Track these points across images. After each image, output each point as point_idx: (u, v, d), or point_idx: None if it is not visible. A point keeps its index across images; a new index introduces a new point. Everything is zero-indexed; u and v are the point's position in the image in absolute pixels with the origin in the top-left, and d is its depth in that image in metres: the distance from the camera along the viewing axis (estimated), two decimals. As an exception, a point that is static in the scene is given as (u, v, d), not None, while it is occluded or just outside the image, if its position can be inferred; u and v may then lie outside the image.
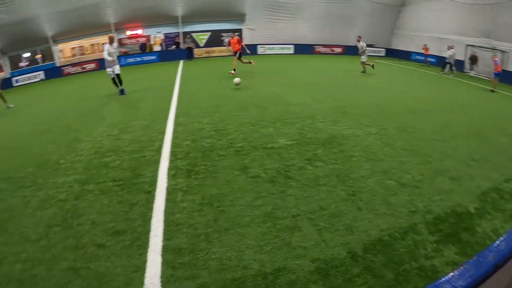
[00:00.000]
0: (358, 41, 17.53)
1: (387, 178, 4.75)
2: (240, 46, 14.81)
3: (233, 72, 14.41)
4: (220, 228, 3.65)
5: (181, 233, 3.61)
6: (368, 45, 26.65)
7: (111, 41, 11.53)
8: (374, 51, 27.22)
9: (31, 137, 8.10)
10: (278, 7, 26.58)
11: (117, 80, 11.94)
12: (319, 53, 28.16)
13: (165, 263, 3.15)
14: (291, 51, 28.07)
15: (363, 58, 17.02)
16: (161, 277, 2.98)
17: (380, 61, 19.91)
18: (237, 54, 14.75)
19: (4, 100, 12.71)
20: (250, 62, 15.13)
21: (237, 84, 11.68)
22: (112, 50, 11.45)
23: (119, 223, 3.92)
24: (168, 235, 3.60)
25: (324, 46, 28.31)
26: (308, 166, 5.16)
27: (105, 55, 11.36)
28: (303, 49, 27.84)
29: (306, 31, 27.78)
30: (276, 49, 27.68)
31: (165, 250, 3.36)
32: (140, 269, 3.11)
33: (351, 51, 26.72)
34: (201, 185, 4.67)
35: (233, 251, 3.26)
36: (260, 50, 27.19)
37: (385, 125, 7.19)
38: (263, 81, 13.62)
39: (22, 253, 3.63)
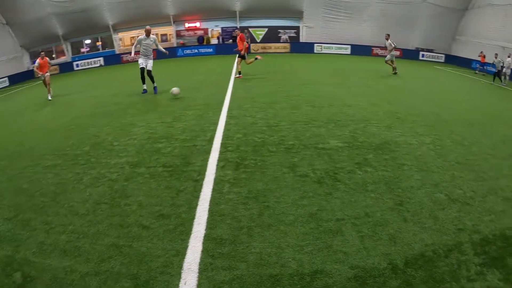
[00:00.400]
0: (387, 39, 16.81)
1: (437, 191, 4.51)
2: (243, 45, 13.94)
3: (239, 75, 13.96)
4: (263, 223, 3.68)
5: (224, 224, 3.68)
6: (428, 50, 25.50)
7: (147, 33, 11.03)
8: (432, 57, 26.00)
9: (89, 118, 8.96)
10: (337, 6, 26.32)
11: (147, 76, 11.37)
12: (377, 55, 27.47)
13: (205, 251, 3.24)
14: (348, 51, 27.74)
15: (388, 57, 16.29)
16: (200, 264, 3.07)
17: (438, 67, 19.01)
18: (242, 54, 14.01)
19: (48, 91, 13.81)
20: (256, 58, 14.39)
21: (175, 95, 10.41)
22: (147, 42, 11.03)
23: (165, 207, 4.11)
24: (211, 224, 3.70)
25: (382, 48, 27.51)
26: (357, 171, 5.04)
27: (132, 48, 11.34)
28: (360, 50, 27.42)
29: (363, 32, 27.35)
30: (333, 49, 27.44)
31: (207, 238, 3.45)
32: (180, 254, 3.23)
33: (409, 54, 25.75)
34: (248, 179, 4.74)
35: (273, 248, 3.27)
36: (316, 48, 27.04)
37: (440, 135, 6.83)
38: (319, 80, 13.58)
39: (69, 225, 3.98)
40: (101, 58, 27.17)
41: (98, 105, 10.80)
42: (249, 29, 26.87)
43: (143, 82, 11.49)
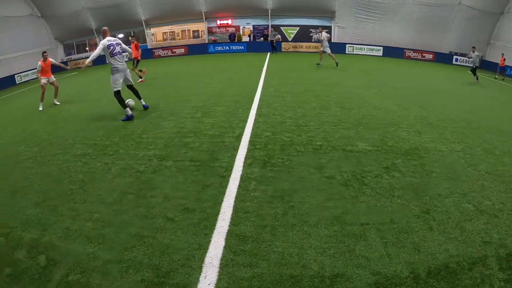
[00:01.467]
0: (473, 51, 16.52)
1: (466, 201, 4.38)
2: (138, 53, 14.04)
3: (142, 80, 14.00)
4: (287, 223, 3.71)
5: (248, 221, 3.73)
6: (461, 54, 24.78)
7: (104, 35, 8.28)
8: (466, 61, 25.14)
9: (114, 111, 9.22)
10: (369, 6, 25.91)
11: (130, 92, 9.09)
12: (409, 57, 27.03)
13: (228, 247, 3.31)
14: (380, 53, 27.28)
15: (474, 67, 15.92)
16: (221, 259, 3.14)
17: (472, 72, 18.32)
18: (134, 63, 13.93)
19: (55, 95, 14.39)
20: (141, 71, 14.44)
21: (131, 108, 8.86)
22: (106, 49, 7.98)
23: (190, 201, 4.23)
24: (235, 220, 3.76)
25: (414, 51, 26.91)
26: (384, 175, 4.97)
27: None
28: (392, 52, 26.91)
29: (396, 34, 26.80)
30: (365, 50, 27.06)
31: (230, 234, 3.52)
32: (203, 248, 3.31)
33: (443, 58, 25.05)
34: (275, 178, 4.78)
35: (295, 248, 3.29)
36: (348, 49, 26.74)
37: (471, 143, 6.62)
38: (350, 81, 13.49)
39: (96, 213, 4.18)
40: (131, 52, 27.97)
41: (128, 98, 11.03)
42: (281, 27, 26.92)
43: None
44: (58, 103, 12.00)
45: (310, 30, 27.34)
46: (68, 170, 5.65)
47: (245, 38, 27.97)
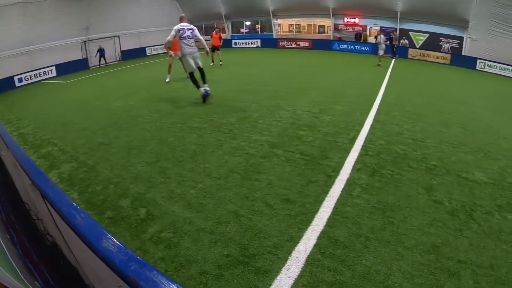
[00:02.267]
0: None
1: None
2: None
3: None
4: (382, 239, 3.47)
5: (344, 226, 3.60)
6: None
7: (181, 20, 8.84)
8: None
9: (238, 93, 9.95)
10: (507, 20, 22.41)
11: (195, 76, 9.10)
12: None
13: (318, 247, 3.24)
14: None
15: None
16: (308, 256, 3.09)
17: None
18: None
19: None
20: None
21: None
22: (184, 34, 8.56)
23: (292, 193, 4.23)
24: (332, 222, 3.66)
25: None
26: (496, 214, 4.35)
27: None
28: None
29: None
30: (497, 68, 23.45)
31: (323, 235, 3.43)
32: (293, 241, 3.30)
33: None
34: (381, 189, 4.53)
35: (383, 266, 3.06)
36: (479, 65, 23.63)
37: None
38: (477, 101, 12.04)
39: (200, 183, 4.48)
40: (259, 40, 29.11)
41: (248, 82, 11.81)
42: (409, 32, 25.24)
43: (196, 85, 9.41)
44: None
45: (440, 38, 25.09)
46: (183, 139, 6.17)
47: (371, 39, 26.94)
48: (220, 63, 17.49)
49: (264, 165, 5.01)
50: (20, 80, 18.71)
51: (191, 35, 8.50)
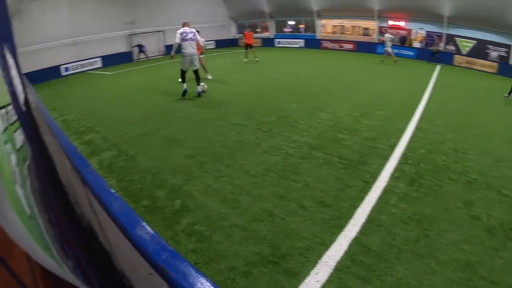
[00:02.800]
0: None
1: None
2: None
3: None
4: (415, 251, 3.36)
5: (377, 235, 3.51)
6: None
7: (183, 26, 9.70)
8: None
9: (279, 92, 9.97)
10: None
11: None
12: None
13: (349, 253, 3.19)
14: None
15: None
16: (338, 262, 3.05)
17: None
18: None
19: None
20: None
21: (203, 91, 10.23)
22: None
23: (328, 196, 4.19)
24: (365, 230, 3.59)
25: None
26: None
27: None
28: None
29: None
30: None
31: (355, 242, 3.38)
32: (325, 245, 3.27)
33: None
34: (418, 199, 4.38)
35: (414, 280, 2.96)
36: None
37: None
38: None
39: (237, 179, 4.53)
40: (302, 40, 28.93)
41: (290, 82, 11.80)
42: (455, 38, 24.08)
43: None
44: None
45: (488, 46, 23.75)
46: (222, 135, 6.27)
47: (416, 44, 26.01)
48: (256, 59, 18.03)
49: (302, 166, 4.99)
50: (66, 69, 19.52)
51: (193, 38, 9.48)
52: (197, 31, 9.74)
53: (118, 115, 8.30)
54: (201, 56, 12.55)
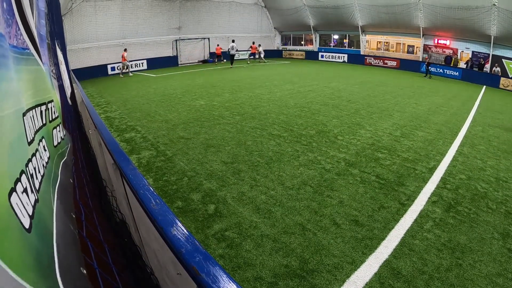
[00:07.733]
0: None
1: None
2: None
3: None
4: (446, 280, 3.23)
5: (409, 259, 3.41)
6: None
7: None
8: None
9: (321, 106, 9.99)
10: None
11: None
12: None
13: (378, 275, 3.12)
14: None
15: None
16: (366, 284, 3.00)
17: None
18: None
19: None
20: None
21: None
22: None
23: (362, 216, 4.12)
24: (397, 253, 3.49)
25: None
26: None
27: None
28: None
29: None
30: None
31: (386, 264, 3.30)
32: (355, 264, 3.22)
33: None
34: (454, 226, 4.22)
35: None
36: None
37: None
38: None
39: (272, 190, 4.55)
40: (346, 55, 28.74)
41: (332, 97, 11.73)
42: (502, 59, 22.90)
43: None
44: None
45: None
46: (261, 144, 6.32)
47: (462, 64, 24.96)
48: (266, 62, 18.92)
49: (338, 183, 4.93)
50: (112, 68, 20.30)
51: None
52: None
53: (159, 116, 8.53)
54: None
